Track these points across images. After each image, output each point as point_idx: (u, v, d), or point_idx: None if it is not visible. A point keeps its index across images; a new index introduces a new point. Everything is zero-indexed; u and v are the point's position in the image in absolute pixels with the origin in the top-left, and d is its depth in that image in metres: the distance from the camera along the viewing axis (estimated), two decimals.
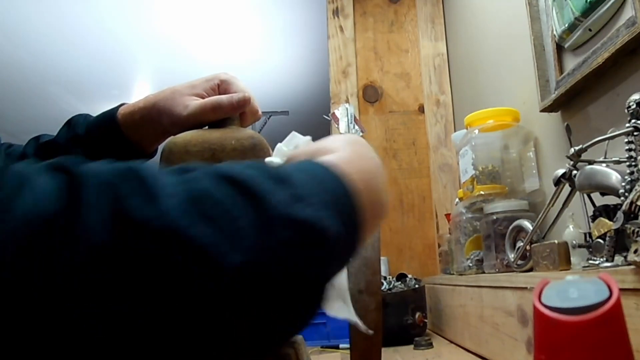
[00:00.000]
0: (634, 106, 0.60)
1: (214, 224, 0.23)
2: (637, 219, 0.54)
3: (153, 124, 0.62)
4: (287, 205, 0.26)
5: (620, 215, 0.58)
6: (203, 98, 0.60)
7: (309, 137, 0.46)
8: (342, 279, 0.40)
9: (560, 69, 1.01)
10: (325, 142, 0.39)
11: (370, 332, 0.42)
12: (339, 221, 0.28)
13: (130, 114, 0.63)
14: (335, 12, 2.04)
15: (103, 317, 0.21)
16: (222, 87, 0.62)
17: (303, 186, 0.28)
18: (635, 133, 0.60)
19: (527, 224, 0.89)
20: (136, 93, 3.67)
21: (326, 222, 0.27)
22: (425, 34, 2.04)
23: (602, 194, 0.67)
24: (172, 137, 0.52)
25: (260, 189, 0.26)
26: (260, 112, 0.63)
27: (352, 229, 0.31)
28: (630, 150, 0.60)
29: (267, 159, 0.45)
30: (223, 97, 0.58)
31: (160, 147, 0.54)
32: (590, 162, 0.70)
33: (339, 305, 0.40)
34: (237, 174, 0.26)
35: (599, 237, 0.64)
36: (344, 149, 0.37)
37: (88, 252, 0.21)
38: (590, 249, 0.66)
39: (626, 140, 0.61)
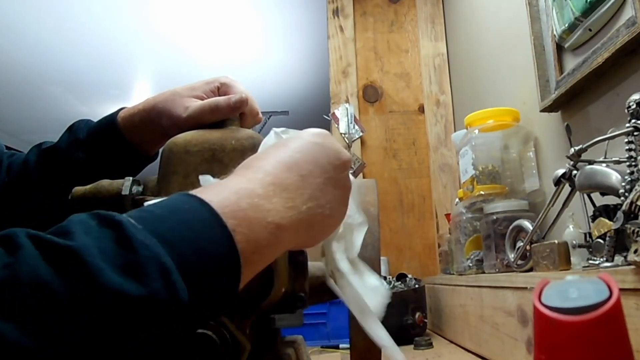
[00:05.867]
0: (634, 106, 0.60)
1: (17, 318, 0.23)
2: (637, 219, 0.55)
3: (153, 125, 0.62)
4: (114, 283, 0.25)
5: (620, 215, 0.58)
6: (203, 100, 0.60)
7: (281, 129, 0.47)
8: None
9: (560, 69, 1.01)
10: (255, 155, 0.41)
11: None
12: (178, 287, 0.27)
13: (130, 117, 0.63)
14: (335, 12, 2.04)
15: None
16: (222, 89, 0.62)
17: (147, 248, 0.27)
18: (635, 133, 0.60)
19: (527, 224, 0.89)
20: (136, 93, 3.67)
21: (162, 294, 0.26)
22: (425, 34, 2.04)
23: (602, 194, 0.67)
24: (172, 137, 0.52)
25: (89, 266, 0.25)
26: (260, 114, 0.63)
27: (210, 285, 0.30)
28: (630, 150, 0.60)
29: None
30: (221, 99, 0.58)
31: (161, 148, 0.54)
32: (590, 162, 0.70)
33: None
34: (67, 246, 0.25)
35: (599, 237, 0.64)
36: (261, 164, 0.37)
37: None
38: (590, 249, 0.66)
39: (626, 140, 0.61)
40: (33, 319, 0.23)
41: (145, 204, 0.37)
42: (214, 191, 0.33)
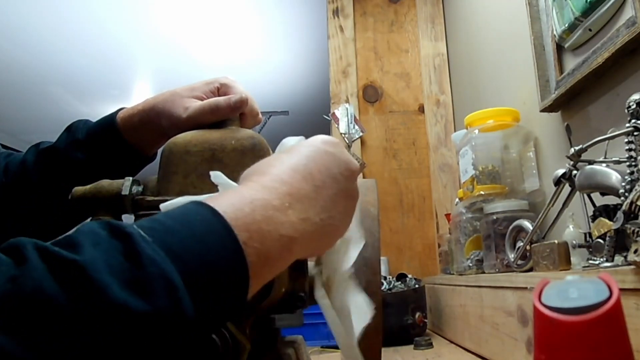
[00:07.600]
0: (634, 106, 0.60)
1: (18, 333, 0.22)
2: (637, 219, 0.55)
3: (152, 126, 0.62)
4: (118, 299, 0.25)
5: (620, 215, 0.58)
6: (202, 100, 0.60)
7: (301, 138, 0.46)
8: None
9: (560, 69, 1.01)
10: (267, 160, 0.40)
11: None
12: (184, 304, 0.27)
13: (130, 117, 0.63)
14: (335, 12, 2.04)
15: None
16: (221, 90, 0.62)
17: (155, 263, 0.27)
18: (635, 133, 0.60)
19: (527, 224, 0.89)
20: (136, 93, 3.67)
21: (167, 311, 0.26)
22: (425, 34, 2.04)
23: (602, 194, 0.67)
24: (172, 137, 0.52)
25: (94, 281, 0.24)
26: (260, 115, 0.63)
27: (217, 299, 0.29)
28: (630, 150, 0.60)
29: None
30: (221, 99, 0.58)
31: (161, 149, 0.54)
32: (590, 162, 0.70)
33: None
34: (74, 260, 0.25)
35: (599, 237, 0.64)
36: (277, 172, 0.37)
37: None
38: (590, 249, 0.66)
39: (626, 140, 0.61)
40: (35, 334, 0.23)
41: (161, 206, 0.37)
42: (229, 201, 0.33)
